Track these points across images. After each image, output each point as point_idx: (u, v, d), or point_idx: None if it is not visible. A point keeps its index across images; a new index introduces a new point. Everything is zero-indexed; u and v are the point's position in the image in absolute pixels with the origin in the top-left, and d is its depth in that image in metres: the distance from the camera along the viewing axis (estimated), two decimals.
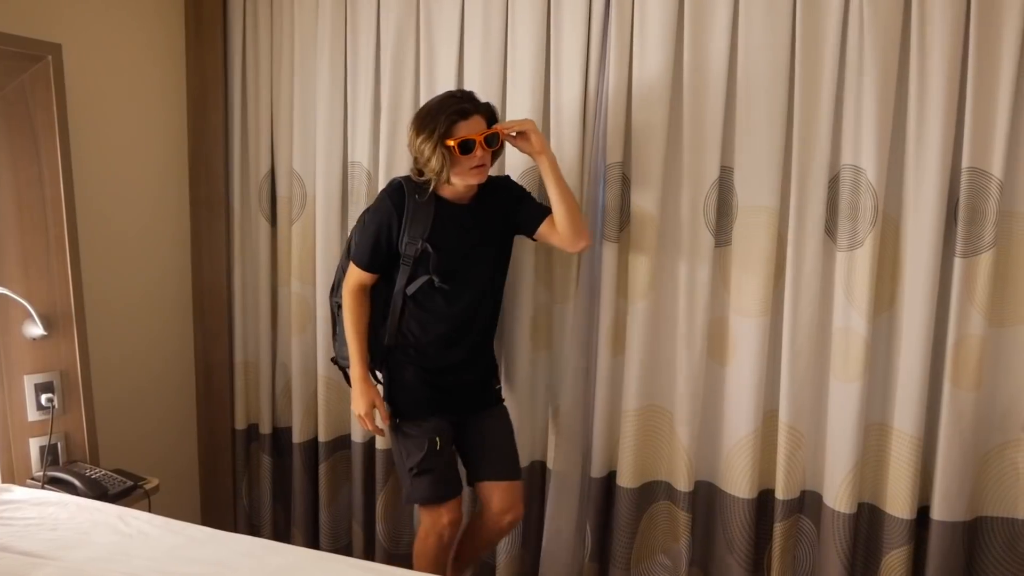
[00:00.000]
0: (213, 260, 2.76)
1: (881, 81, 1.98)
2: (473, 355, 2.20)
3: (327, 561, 1.68)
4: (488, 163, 2.03)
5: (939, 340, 2.05)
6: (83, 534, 1.78)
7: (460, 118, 1.96)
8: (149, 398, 2.69)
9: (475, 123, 1.99)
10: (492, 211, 2.14)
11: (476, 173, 2.01)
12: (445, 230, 2.08)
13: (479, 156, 1.98)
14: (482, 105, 2.04)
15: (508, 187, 2.20)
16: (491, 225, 2.14)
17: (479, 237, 2.12)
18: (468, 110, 1.98)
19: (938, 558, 2.08)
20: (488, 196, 2.14)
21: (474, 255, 2.12)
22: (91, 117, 2.42)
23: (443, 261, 2.07)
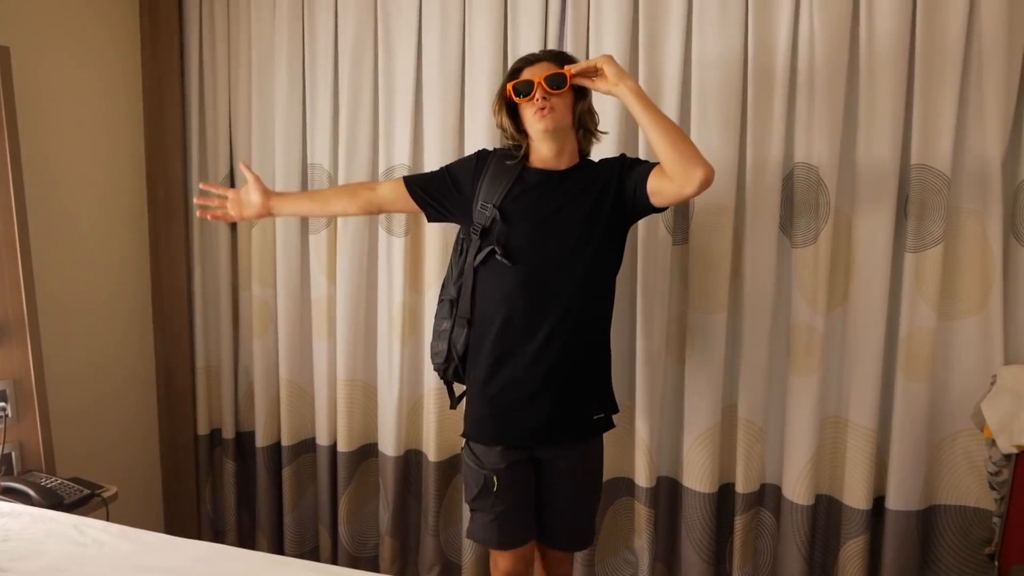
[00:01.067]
0: (172, 264, 2.73)
1: (831, 80, 2.02)
2: (553, 362, 1.79)
3: (283, 565, 1.67)
4: (554, 107, 1.74)
5: (891, 334, 2.10)
6: (36, 544, 1.74)
7: (525, 64, 1.80)
8: (108, 405, 2.65)
9: (540, 68, 1.78)
10: (590, 184, 1.80)
11: (540, 117, 1.74)
12: (523, 197, 1.80)
13: (538, 98, 1.73)
14: (553, 53, 1.84)
15: (618, 162, 1.85)
16: (584, 198, 1.79)
17: (565, 208, 1.79)
18: (534, 58, 1.81)
19: (894, 546, 2.13)
20: (589, 169, 1.85)
21: (554, 230, 1.78)
22: (42, 120, 2.37)
23: (511, 232, 1.79)
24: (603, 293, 1.86)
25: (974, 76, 1.96)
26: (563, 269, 1.78)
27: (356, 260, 2.54)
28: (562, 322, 1.78)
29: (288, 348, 2.66)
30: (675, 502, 2.35)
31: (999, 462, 1.99)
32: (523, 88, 1.75)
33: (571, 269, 1.78)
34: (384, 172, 2.49)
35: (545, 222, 1.79)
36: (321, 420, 2.66)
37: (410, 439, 2.60)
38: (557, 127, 1.76)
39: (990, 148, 1.95)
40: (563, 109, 1.76)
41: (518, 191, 1.81)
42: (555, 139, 1.79)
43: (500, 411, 1.83)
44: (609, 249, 1.84)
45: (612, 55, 1.78)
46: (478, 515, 1.88)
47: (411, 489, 2.64)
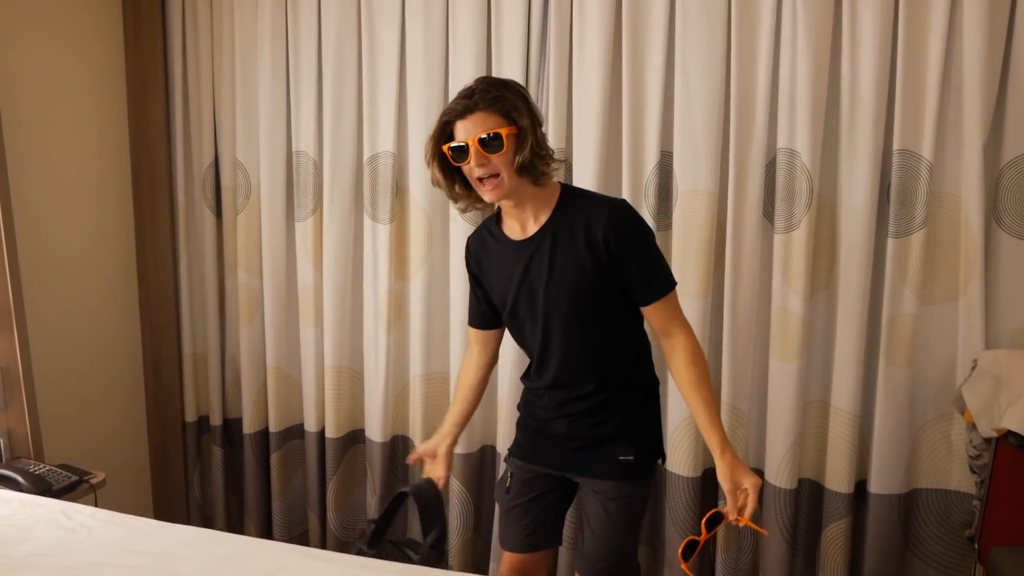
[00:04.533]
0: (158, 252, 2.72)
1: (814, 66, 2.02)
2: (573, 397, 1.71)
3: (269, 548, 1.68)
4: (500, 175, 1.54)
5: (873, 319, 2.11)
6: (24, 530, 1.75)
7: (455, 117, 1.55)
8: (96, 393, 2.66)
9: (473, 123, 1.53)
10: (567, 251, 1.61)
11: (484, 188, 1.56)
12: (499, 274, 1.71)
13: (473, 166, 1.54)
14: (488, 96, 1.53)
15: (605, 228, 1.58)
16: (563, 272, 1.61)
17: (542, 286, 1.64)
18: (464, 108, 1.54)
19: (876, 529, 2.16)
20: (567, 226, 1.61)
21: (543, 298, 1.65)
22: (26, 109, 2.36)
23: (503, 302, 1.73)
24: (620, 339, 1.70)
25: (956, 61, 1.97)
26: (568, 331, 1.66)
27: (342, 247, 2.55)
28: (580, 375, 1.69)
29: (275, 335, 2.67)
30: (659, 487, 2.37)
31: (979, 446, 2.01)
32: (457, 154, 1.56)
33: (575, 329, 1.66)
34: (369, 159, 2.49)
35: (528, 290, 1.66)
36: (309, 407, 2.67)
37: (397, 425, 2.62)
38: (505, 195, 1.58)
39: (972, 133, 1.95)
40: (507, 169, 1.55)
41: (498, 268, 1.71)
42: (509, 199, 1.61)
43: (528, 431, 1.83)
44: (611, 298, 1.65)
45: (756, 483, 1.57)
46: (497, 508, 1.88)
47: (398, 475, 2.65)
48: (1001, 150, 1.99)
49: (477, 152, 1.53)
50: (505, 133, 1.52)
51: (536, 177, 1.58)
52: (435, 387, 2.53)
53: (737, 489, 1.57)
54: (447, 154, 1.58)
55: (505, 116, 1.53)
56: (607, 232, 1.57)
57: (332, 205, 2.52)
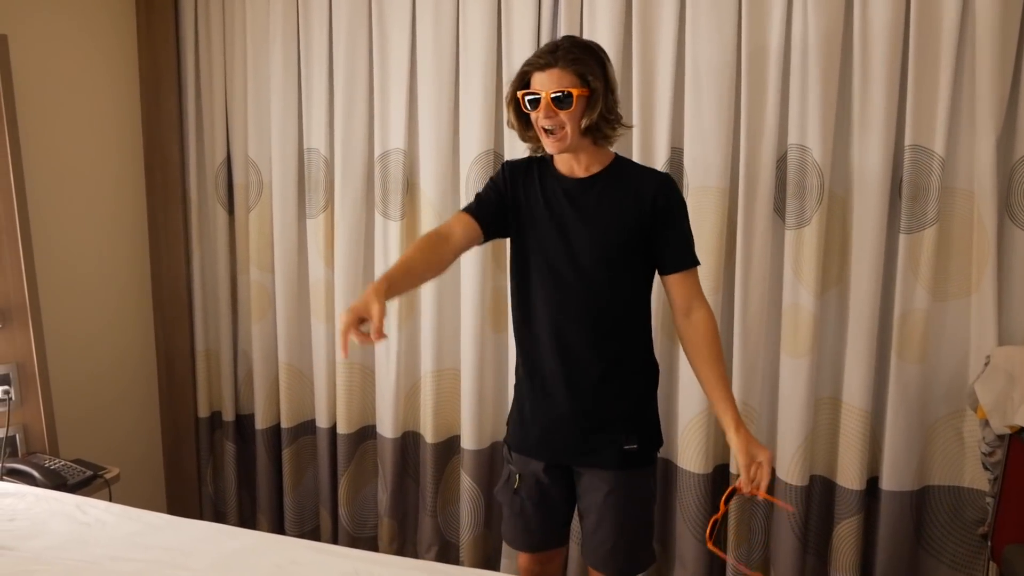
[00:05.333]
0: (171, 249, 2.75)
1: (825, 62, 2.01)
2: (581, 370, 1.71)
3: (282, 543, 1.70)
4: (563, 128, 1.61)
5: (885, 315, 2.10)
6: (41, 523, 1.78)
7: (534, 68, 1.62)
8: (110, 388, 2.69)
9: (550, 77, 1.59)
10: (615, 196, 1.67)
11: (548, 139, 1.63)
12: (547, 207, 1.72)
13: (541, 117, 1.61)
14: (567, 55, 1.60)
15: (656, 189, 1.67)
16: (607, 211, 1.67)
17: (587, 220, 1.68)
18: (544, 62, 1.60)
19: (888, 527, 2.15)
20: (617, 178, 1.69)
21: (575, 240, 1.68)
22: (41, 107, 2.39)
23: (538, 243, 1.72)
24: (630, 310, 1.73)
25: (968, 56, 1.95)
26: (585, 281, 1.68)
27: (353, 244, 2.56)
28: (585, 338, 1.69)
29: (287, 332, 2.68)
30: (670, 482, 2.37)
31: (992, 442, 2.00)
32: (530, 103, 1.64)
33: (593, 281, 1.68)
34: (380, 156, 2.50)
35: (564, 234, 1.69)
36: (320, 403, 2.69)
37: (408, 421, 2.63)
38: (566, 148, 1.65)
39: (984, 128, 1.94)
40: (573, 126, 1.61)
41: (542, 200, 1.72)
42: (569, 151, 1.67)
43: (527, 422, 1.79)
44: (635, 261, 1.69)
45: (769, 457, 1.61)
46: (504, 509, 1.87)
47: (409, 470, 2.67)
48: (1014, 145, 1.97)
49: (547, 105, 1.60)
50: (576, 94, 1.59)
51: (598, 139, 1.66)
52: (446, 383, 2.54)
53: (752, 463, 1.61)
54: (521, 100, 1.65)
55: (580, 77, 1.59)
56: (657, 194, 1.67)
57: (343, 202, 2.54)
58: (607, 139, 1.68)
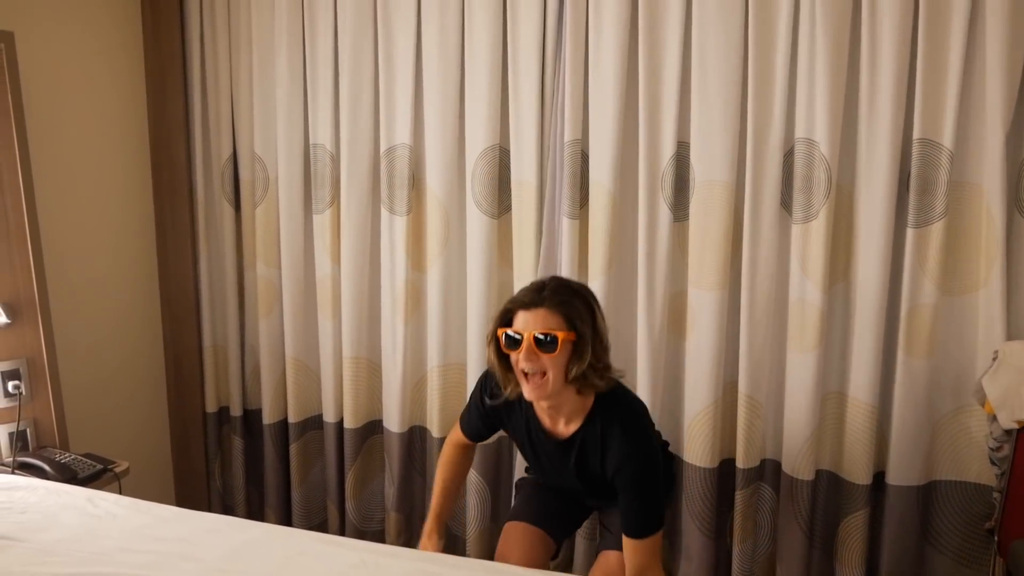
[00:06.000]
0: (178, 245, 2.76)
1: (833, 55, 2.00)
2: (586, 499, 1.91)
3: (290, 535, 1.71)
4: (547, 375, 1.55)
5: (892, 309, 2.09)
6: (52, 516, 1.79)
7: (519, 307, 1.57)
8: (119, 383, 2.70)
9: (539, 317, 1.54)
10: (590, 463, 1.68)
11: (528, 384, 1.57)
12: (536, 451, 1.77)
13: (521, 359, 1.55)
14: (555, 299, 1.55)
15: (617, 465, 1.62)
16: (584, 471, 1.70)
17: (566, 471, 1.73)
18: (530, 301, 1.56)
19: (894, 521, 2.15)
20: (591, 445, 1.65)
21: (568, 482, 1.78)
22: (48, 105, 2.40)
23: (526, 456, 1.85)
24: None
25: (979, 48, 1.94)
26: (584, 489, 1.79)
27: (359, 239, 2.56)
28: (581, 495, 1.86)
29: (293, 327, 2.69)
30: (676, 477, 2.38)
31: (1000, 437, 1.99)
32: (509, 342, 1.58)
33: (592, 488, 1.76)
34: (386, 151, 2.50)
35: (557, 473, 1.77)
36: (327, 397, 2.70)
37: (414, 416, 2.64)
38: (546, 396, 1.58)
39: (994, 122, 1.93)
40: (555, 372, 1.55)
41: (528, 442, 1.76)
42: (549, 401, 1.62)
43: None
44: None
45: None
46: (520, 492, 1.95)
47: (415, 465, 2.68)
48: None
49: (529, 346, 1.54)
50: (562, 337, 1.53)
51: (583, 388, 1.59)
52: (452, 378, 2.54)
53: None
54: (500, 338, 1.59)
55: (567, 320, 1.54)
56: (617, 471, 1.60)
57: (349, 197, 2.54)
58: (592, 387, 1.60)
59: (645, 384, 2.28)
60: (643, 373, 2.27)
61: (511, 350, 1.57)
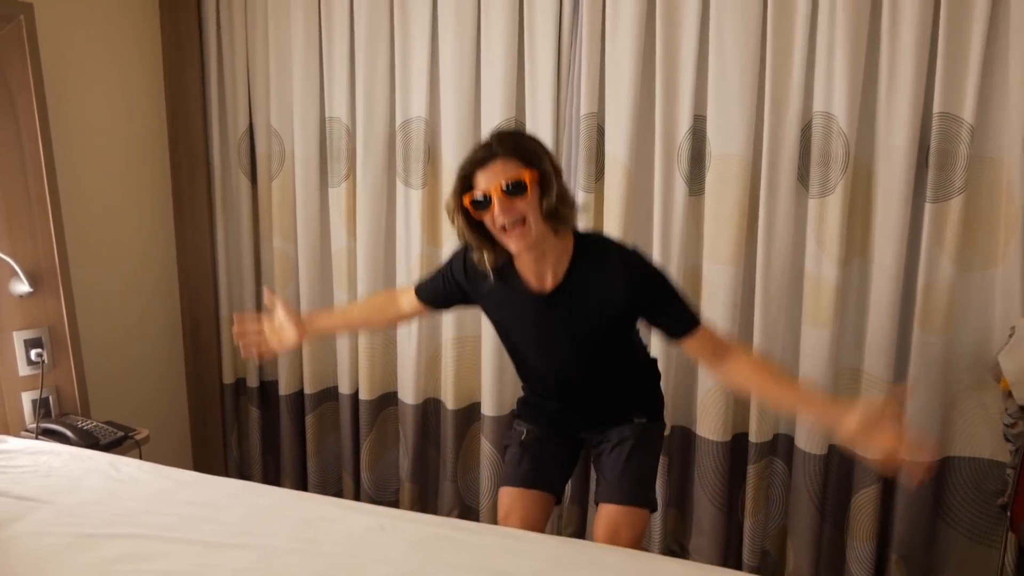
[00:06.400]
0: (195, 218, 2.78)
1: (853, 28, 1.98)
2: (581, 405, 1.81)
3: (309, 500, 1.74)
4: (527, 221, 1.51)
5: (909, 285, 2.09)
6: (76, 480, 1.83)
7: (476, 167, 1.52)
8: (138, 355, 2.74)
9: (495, 170, 1.50)
10: (585, 299, 1.61)
11: (510, 237, 1.52)
12: (517, 316, 1.70)
13: (497, 214, 1.50)
14: (507, 143, 1.52)
15: (626, 279, 1.58)
16: (581, 315, 1.63)
17: (561, 329, 1.66)
18: (485, 156, 1.52)
19: (906, 496, 2.16)
20: (584, 276, 1.61)
21: (553, 344, 1.70)
22: (67, 77, 2.41)
23: (515, 338, 1.76)
24: (621, 352, 1.77)
25: (1002, 21, 1.92)
26: (572, 363, 1.72)
27: (375, 213, 2.58)
28: (579, 385, 1.77)
29: (309, 300, 2.72)
30: (688, 451, 2.40)
31: (1015, 414, 1.99)
32: (480, 203, 1.52)
33: (576, 360, 1.72)
34: (401, 124, 2.51)
35: (544, 339, 1.70)
36: (343, 369, 2.73)
37: (428, 388, 2.67)
38: (533, 242, 1.53)
39: (1016, 96, 1.91)
40: (534, 214, 1.51)
41: (512, 312, 1.70)
42: (533, 250, 1.57)
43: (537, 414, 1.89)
44: (620, 332, 1.71)
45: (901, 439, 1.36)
46: (507, 456, 1.90)
47: (430, 436, 2.71)
48: None
49: (501, 199, 1.49)
50: (528, 178, 1.50)
51: (559, 224, 1.55)
52: (467, 350, 2.56)
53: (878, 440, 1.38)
54: (468, 207, 1.54)
55: (526, 162, 1.51)
56: (630, 285, 1.58)
57: (365, 171, 2.55)
58: (566, 222, 1.57)
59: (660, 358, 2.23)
60: (656, 347, 2.28)
61: (482, 212, 1.53)
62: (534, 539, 1.56)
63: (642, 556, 1.51)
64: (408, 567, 1.44)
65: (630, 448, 1.78)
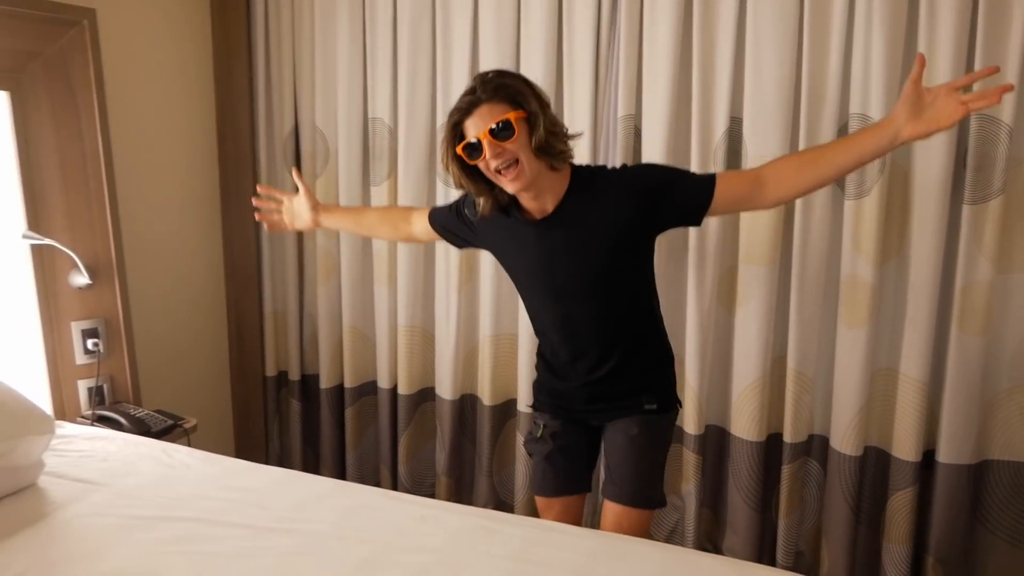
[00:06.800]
0: (242, 215, 2.86)
1: (890, 28, 1.98)
2: (593, 364, 1.78)
3: (354, 489, 1.79)
4: (519, 162, 1.54)
5: (946, 287, 2.08)
6: (130, 464, 1.91)
7: (463, 115, 1.56)
8: (185, 346, 2.84)
9: (481, 115, 1.53)
10: (587, 218, 1.63)
11: (505, 179, 1.56)
12: (521, 251, 1.73)
13: (489, 158, 1.53)
14: (492, 86, 1.54)
15: (629, 184, 1.63)
16: (583, 236, 1.64)
17: (565, 254, 1.67)
18: (472, 102, 1.54)
19: (944, 499, 2.14)
20: (587, 197, 1.63)
21: (559, 274, 1.69)
22: (125, 78, 2.51)
23: (521, 276, 1.79)
24: (633, 302, 1.75)
25: None
26: (579, 300, 1.71)
27: None
28: (592, 338, 1.74)
29: (351, 295, 2.79)
30: (722, 450, 2.41)
31: None
32: (471, 152, 1.55)
33: (587, 296, 1.70)
34: (442, 125, 2.55)
35: (547, 268, 1.70)
36: (382, 364, 2.79)
37: (466, 384, 2.71)
38: (529, 181, 1.56)
39: None
40: (525, 154, 1.53)
41: (514, 245, 1.73)
42: (530, 189, 1.59)
43: (549, 393, 1.90)
44: (628, 261, 1.70)
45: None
46: (532, 459, 1.94)
47: (466, 431, 2.76)
48: None
49: (490, 144, 1.52)
50: (514, 117, 1.52)
51: (554, 158, 1.57)
52: (503, 348, 2.61)
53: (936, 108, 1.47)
54: (461, 155, 1.57)
55: (511, 102, 1.53)
56: (633, 186, 1.61)
57: (407, 170, 2.61)
58: (562, 156, 1.59)
59: (694, 357, 2.31)
60: (692, 346, 2.30)
61: (476, 159, 1.56)
62: (574, 532, 1.59)
63: (681, 551, 1.54)
64: (449, 555, 1.48)
65: (639, 445, 1.78)
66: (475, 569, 1.43)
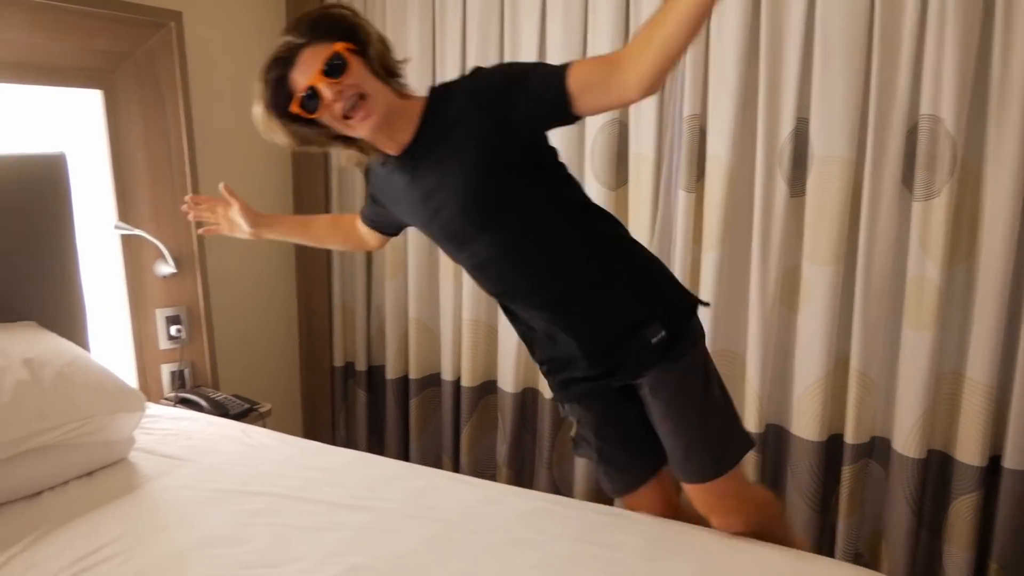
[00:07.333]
0: (313, 209, 2.98)
1: (964, 29, 1.97)
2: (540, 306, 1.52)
3: (422, 471, 1.88)
4: (364, 96, 1.35)
5: (1017, 291, 2.05)
6: (213, 443, 2.03)
7: (283, 67, 1.39)
8: (259, 336, 2.96)
9: (307, 57, 1.36)
10: (453, 142, 1.41)
11: (357, 122, 1.36)
12: (402, 208, 1.58)
13: (331, 102, 1.34)
14: (305, 25, 1.38)
15: (479, 91, 1.40)
16: (454, 164, 1.41)
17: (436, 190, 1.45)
18: (291, 49, 1.39)
19: (1009, 506, 2.11)
20: (444, 120, 1.42)
21: (443, 213, 1.47)
22: (210, 77, 2.64)
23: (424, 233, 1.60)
24: (553, 231, 1.46)
25: None
26: (478, 238, 1.47)
27: None
28: (526, 287, 1.51)
29: (417, 289, 2.87)
30: (782, 449, 2.41)
31: None
32: (308, 103, 1.36)
33: (485, 233, 1.46)
34: None
35: (433, 209, 1.48)
36: (446, 357, 2.87)
37: (528, 378, 2.77)
38: (382, 117, 1.37)
39: None
40: (370, 84, 1.35)
41: (394, 198, 1.57)
42: (384, 121, 1.39)
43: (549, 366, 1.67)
44: (520, 182, 1.43)
45: None
46: (593, 462, 1.74)
47: (527, 424, 2.82)
48: None
49: (328, 85, 1.33)
50: (342, 49, 1.34)
51: (398, 87, 1.42)
52: None
53: None
54: (301, 113, 1.38)
55: (334, 36, 1.36)
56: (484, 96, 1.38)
57: None
58: (401, 77, 1.43)
59: (754, 355, 2.32)
60: (754, 345, 2.31)
61: (319, 112, 1.37)
62: (636, 518, 1.64)
63: (742, 542, 1.57)
64: (516, 535, 1.54)
65: (680, 407, 1.51)
66: (542, 548, 1.49)
